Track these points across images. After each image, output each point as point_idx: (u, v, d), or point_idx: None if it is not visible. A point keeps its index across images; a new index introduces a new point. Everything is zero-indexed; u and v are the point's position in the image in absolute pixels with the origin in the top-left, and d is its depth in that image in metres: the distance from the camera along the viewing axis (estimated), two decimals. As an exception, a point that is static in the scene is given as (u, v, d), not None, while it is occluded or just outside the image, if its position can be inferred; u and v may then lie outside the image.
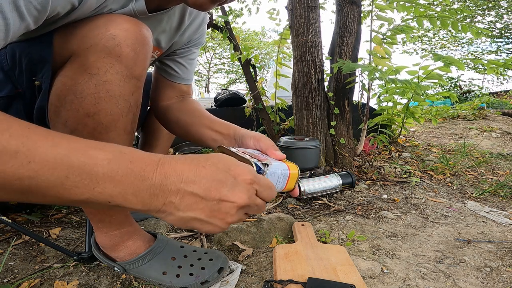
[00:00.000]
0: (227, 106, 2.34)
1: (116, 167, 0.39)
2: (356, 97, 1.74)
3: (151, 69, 0.99)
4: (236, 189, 0.44)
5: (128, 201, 0.39)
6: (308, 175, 1.36)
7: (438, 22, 1.63)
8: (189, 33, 0.87)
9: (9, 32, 0.42)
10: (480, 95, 7.97)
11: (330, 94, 1.63)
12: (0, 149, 0.33)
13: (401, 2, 1.64)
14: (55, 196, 0.37)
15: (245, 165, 0.48)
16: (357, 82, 1.65)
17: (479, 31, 1.62)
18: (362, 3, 1.66)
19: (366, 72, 1.45)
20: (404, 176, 1.63)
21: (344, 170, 1.58)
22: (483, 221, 1.14)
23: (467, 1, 11.99)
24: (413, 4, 1.63)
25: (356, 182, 1.46)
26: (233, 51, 1.89)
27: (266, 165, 0.54)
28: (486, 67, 1.67)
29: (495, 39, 13.72)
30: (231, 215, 0.44)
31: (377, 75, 1.41)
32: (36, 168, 0.35)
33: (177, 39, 0.85)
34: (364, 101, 1.77)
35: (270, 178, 0.54)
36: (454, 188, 1.54)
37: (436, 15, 1.63)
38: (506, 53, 13.74)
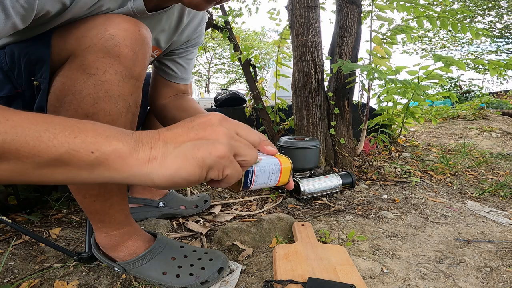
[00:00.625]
0: (227, 106, 2.33)
1: (99, 124, 0.40)
2: (356, 97, 1.74)
3: (151, 69, 0.99)
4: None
5: (113, 146, 0.38)
6: (308, 175, 1.36)
7: (438, 23, 1.63)
8: (188, 33, 0.87)
9: None
10: (480, 95, 7.97)
11: (330, 94, 1.63)
12: None
13: (401, 2, 1.64)
14: (30, 152, 0.35)
15: None
16: (357, 82, 1.66)
17: (479, 32, 1.62)
18: (362, 3, 1.66)
19: (365, 72, 1.45)
20: (404, 176, 1.63)
21: (344, 170, 1.58)
22: (483, 221, 1.14)
23: (467, 1, 11.99)
24: (413, 4, 1.63)
25: (356, 182, 1.46)
26: (233, 51, 1.89)
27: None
28: (486, 67, 1.67)
29: (495, 39, 13.72)
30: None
31: (376, 75, 1.41)
32: (14, 124, 0.34)
33: (176, 38, 0.85)
34: (364, 101, 1.77)
35: (261, 174, 0.53)
36: (454, 188, 1.54)
37: (436, 15, 1.63)
38: (506, 53, 13.74)
